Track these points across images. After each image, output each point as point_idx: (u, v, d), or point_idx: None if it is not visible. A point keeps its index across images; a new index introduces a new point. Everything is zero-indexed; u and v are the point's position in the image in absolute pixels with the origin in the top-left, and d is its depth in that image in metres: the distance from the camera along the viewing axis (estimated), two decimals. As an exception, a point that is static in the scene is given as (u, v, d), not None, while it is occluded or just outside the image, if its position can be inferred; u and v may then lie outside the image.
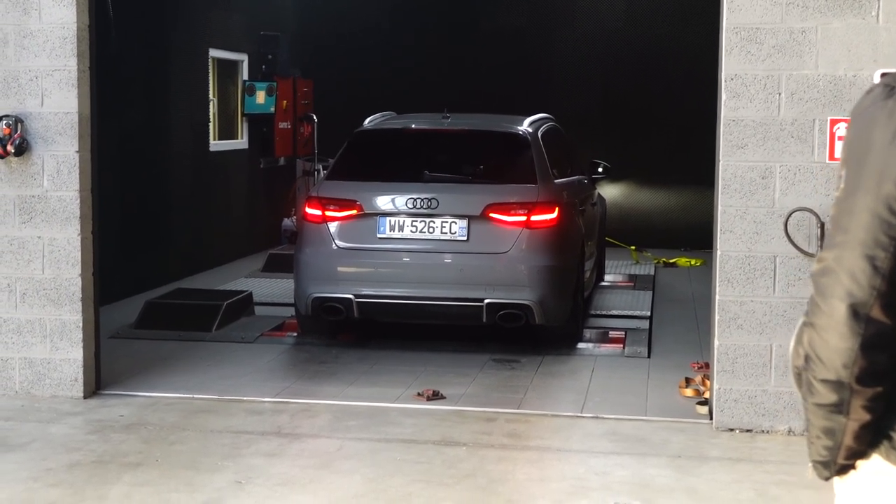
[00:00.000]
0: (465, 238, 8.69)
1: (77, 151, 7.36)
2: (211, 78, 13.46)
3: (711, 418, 6.91)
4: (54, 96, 7.34)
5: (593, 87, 15.22)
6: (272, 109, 14.46)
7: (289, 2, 15.66)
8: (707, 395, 7.25)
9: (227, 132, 14.07)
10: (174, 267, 12.10)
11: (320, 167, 14.32)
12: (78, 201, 7.38)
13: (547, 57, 15.36)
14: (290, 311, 9.76)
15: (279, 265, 12.13)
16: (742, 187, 6.71)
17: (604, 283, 11.99)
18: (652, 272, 13.03)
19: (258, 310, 10.40)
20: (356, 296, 8.73)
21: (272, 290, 11.32)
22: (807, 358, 2.42)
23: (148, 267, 11.54)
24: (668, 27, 14.98)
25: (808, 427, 2.49)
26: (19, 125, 7.33)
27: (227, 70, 14.10)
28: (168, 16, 12.23)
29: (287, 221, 14.95)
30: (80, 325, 7.44)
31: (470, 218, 8.70)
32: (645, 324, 10.02)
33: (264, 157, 14.72)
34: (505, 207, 8.70)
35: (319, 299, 8.81)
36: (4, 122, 7.30)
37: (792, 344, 2.58)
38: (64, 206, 7.38)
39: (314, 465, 6.19)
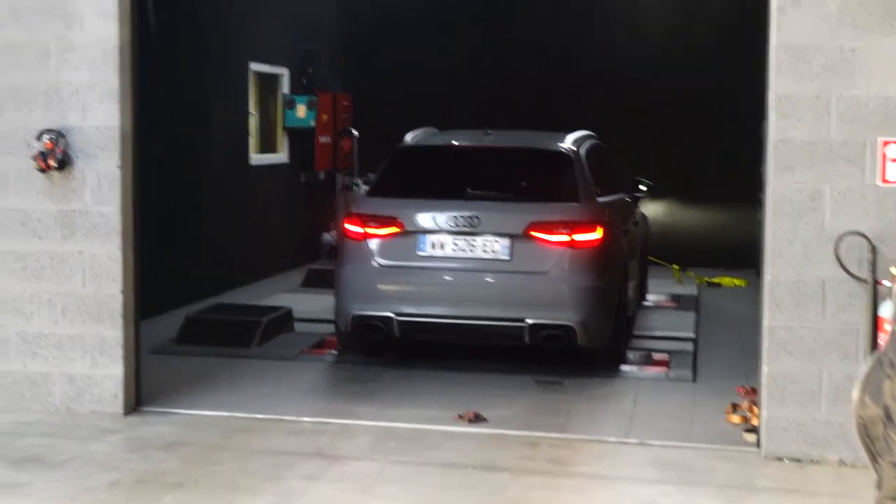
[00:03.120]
0: (507, 257, 8.58)
1: (119, 166, 7.33)
2: (251, 92, 13.46)
3: (759, 446, 6.76)
4: (96, 110, 7.31)
5: (636, 103, 15.07)
6: (312, 123, 14.44)
7: (330, 17, 15.64)
8: (755, 421, 7.10)
9: (267, 146, 14.06)
10: (214, 282, 12.06)
11: (359, 181, 14.27)
12: (119, 216, 7.34)
13: (591, 73, 15.24)
14: (330, 328, 9.68)
15: (319, 280, 12.08)
16: (791, 210, 6.57)
17: (646, 303, 11.85)
18: (695, 292, 12.87)
19: (298, 326, 10.35)
20: (397, 314, 8.64)
21: (312, 306, 11.24)
22: (888, 412, 2.27)
23: (188, 281, 11.50)
24: (713, 43, 14.82)
25: (879, 485, 2.33)
26: (61, 139, 7.30)
27: (268, 84, 14.09)
28: (209, 30, 12.22)
29: (327, 236, 14.91)
30: (121, 341, 7.39)
31: (512, 237, 8.59)
32: (689, 346, 9.87)
33: (304, 171, 14.69)
34: (547, 226, 8.59)
35: (360, 317, 8.73)
36: (47, 136, 7.28)
37: (856, 392, 2.43)
38: (105, 221, 7.34)
39: (355, 489, 6.10)
